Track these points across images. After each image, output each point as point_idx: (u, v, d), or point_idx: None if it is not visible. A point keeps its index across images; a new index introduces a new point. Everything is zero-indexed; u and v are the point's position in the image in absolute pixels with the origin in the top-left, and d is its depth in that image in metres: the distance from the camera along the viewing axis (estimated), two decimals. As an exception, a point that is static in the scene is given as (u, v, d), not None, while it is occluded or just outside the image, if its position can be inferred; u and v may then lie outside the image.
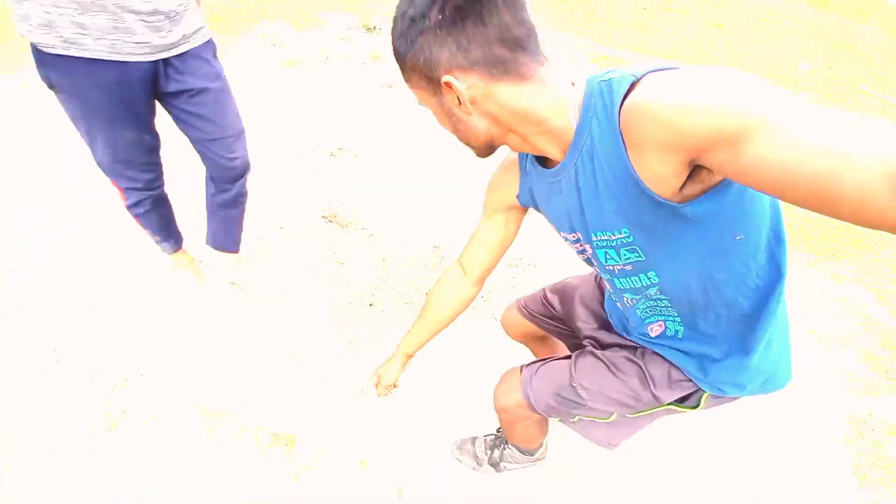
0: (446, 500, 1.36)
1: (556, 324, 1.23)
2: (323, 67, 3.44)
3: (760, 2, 6.43)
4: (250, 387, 1.57)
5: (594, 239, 0.77)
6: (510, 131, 0.71)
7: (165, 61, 1.20)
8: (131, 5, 1.06)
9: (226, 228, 1.69)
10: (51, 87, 1.15)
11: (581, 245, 0.82)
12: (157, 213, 1.55)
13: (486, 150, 0.77)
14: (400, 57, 0.68)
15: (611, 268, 0.81)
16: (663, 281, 0.78)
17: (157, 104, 1.32)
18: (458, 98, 0.67)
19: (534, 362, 1.10)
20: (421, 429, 1.53)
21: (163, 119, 1.36)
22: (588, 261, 0.87)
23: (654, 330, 0.91)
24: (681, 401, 0.94)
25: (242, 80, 3.16)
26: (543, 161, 0.80)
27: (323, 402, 1.56)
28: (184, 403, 1.50)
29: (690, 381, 0.89)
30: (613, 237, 0.74)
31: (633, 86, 0.61)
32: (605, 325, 1.10)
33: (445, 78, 0.65)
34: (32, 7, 1.01)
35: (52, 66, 1.10)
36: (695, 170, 0.61)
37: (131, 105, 1.21)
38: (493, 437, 1.46)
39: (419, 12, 0.63)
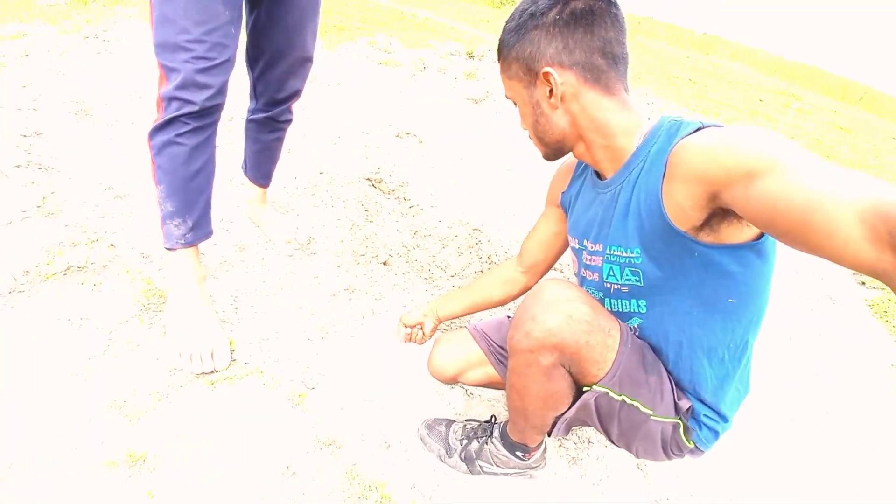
0: (396, 488, 0.97)
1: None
2: (418, 74, 3.51)
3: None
4: (220, 288, 1.34)
5: (607, 252, 0.81)
6: (580, 137, 0.78)
7: None
8: None
9: (258, 159, 1.50)
10: None
11: (593, 258, 0.85)
12: (194, 153, 1.03)
13: (555, 150, 0.83)
14: (507, 47, 0.77)
15: (608, 285, 0.84)
16: (648, 315, 0.81)
17: None
18: (550, 90, 0.74)
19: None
20: (397, 392, 1.18)
21: None
22: (582, 276, 0.90)
23: None
24: (685, 430, 0.85)
25: (338, 68, 3.29)
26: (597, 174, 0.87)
27: (301, 339, 1.28)
28: (135, 277, 1.29)
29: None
30: (624, 254, 0.78)
31: (696, 130, 0.68)
32: None
33: (546, 69, 0.73)
34: None
35: None
36: (715, 219, 0.66)
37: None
38: (478, 424, 1.08)
39: (540, 10, 0.72)
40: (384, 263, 1.69)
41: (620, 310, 0.84)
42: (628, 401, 0.80)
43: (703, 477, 1.15)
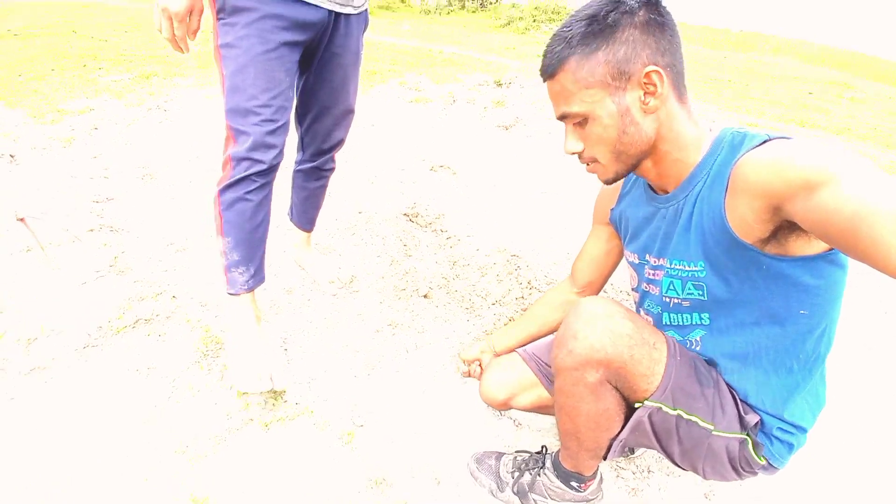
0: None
1: None
2: (448, 107, 3.61)
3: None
4: (272, 330, 1.41)
5: (668, 267, 0.80)
6: (654, 149, 0.75)
7: (337, 17, 1.11)
8: None
9: (304, 206, 1.57)
10: (222, 10, 0.99)
11: (655, 272, 0.84)
12: (258, 208, 1.11)
13: (631, 167, 0.78)
14: (587, 51, 0.69)
15: (667, 299, 0.82)
16: (712, 328, 0.79)
17: None
18: (645, 94, 0.70)
19: None
20: (443, 425, 1.17)
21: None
22: (643, 290, 0.89)
23: None
24: (754, 446, 0.80)
25: (371, 109, 3.45)
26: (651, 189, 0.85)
27: (348, 377, 1.32)
28: (195, 326, 1.38)
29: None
30: (687, 268, 0.77)
31: (763, 142, 0.67)
32: None
33: (651, 67, 0.68)
34: None
35: None
36: (782, 231, 0.65)
37: (295, 46, 1.06)
38: (529, 455, 1.05)
39: (630, 8, 0.68)
40: (425, 296, 1.71)
41: (681, 323, 0.83)
42: (685, 415, 0.76)
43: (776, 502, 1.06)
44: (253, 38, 0.98)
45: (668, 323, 0.85)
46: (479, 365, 1.18)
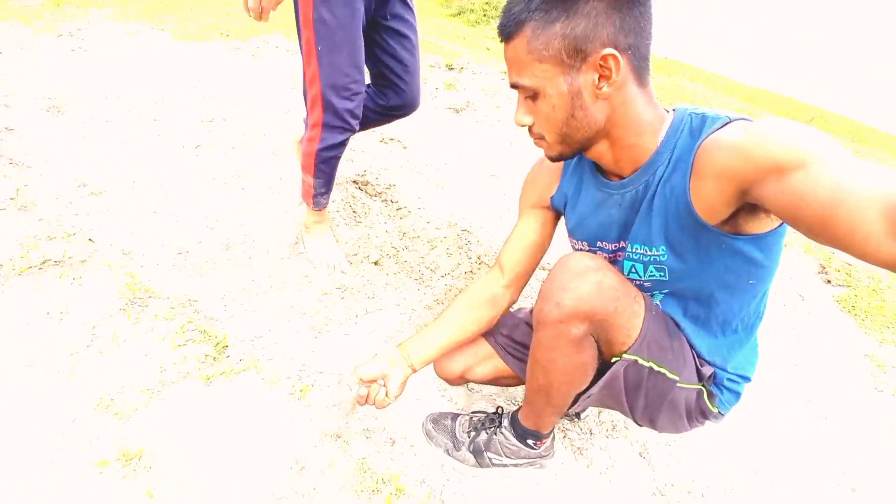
0: (408, 481, 0.94)
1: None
2: (398, 83, 3.53)
3: None
4: (207, 287, 1.29)
5: (629, 251, 0.80)
6: (607, 134, 0.72)
7: None
8: None
9: None
10: None
11: (610, 255, 0.84)
12: (337, 159, 1.42)
13: (576, 150, 0.75)
14: (544, 21, 0.64)
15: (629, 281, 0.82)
16: (666, 298, 0.83)
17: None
18: (599, 77, 0.65)
19: None
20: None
21: None
22: None
23: None
24: (709, 396, 0.86)
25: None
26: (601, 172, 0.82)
27: (283, 325, 1.24)
28: (117, 272, 1.23)
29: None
30: (648, 252, 0.77)
31: (724, 125, 0.65)
32: None
33: (608, 50, 0.63)
34: None
35: None
36: (742, 212, 0.66)
37: (365, 17, 1.23)
38: (485, 416, 1.06)
39: None
40: (375, 263, 1.66)
41: None
42: (656, 367, 0.79)
43: (704, 463, 1.17)
44: (345, 8, 1.14)
45: None
46: (385, 383, 0.88)
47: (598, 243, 0.85)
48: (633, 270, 0.81)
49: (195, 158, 1.93)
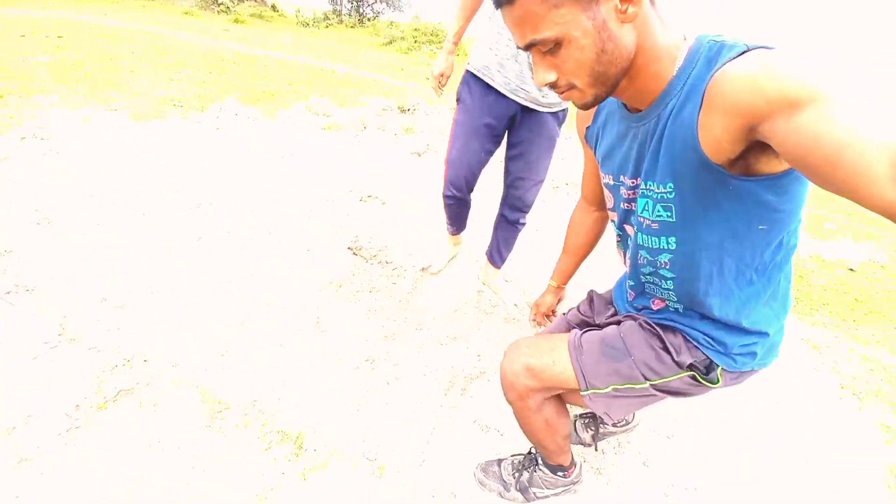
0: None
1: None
2: (360, 134, 3.72)
3: None
4: (260, 382, 1.45)
5: (643, 187, 0.79)
6: (632, 65, 0.68)
7: (524, 109, 1.57)
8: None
9: (497, 245, 2.02)
10: (458, 100, 1.64)
11: (631, 192, 0.83)
12: (459, 209, 1.92)
13: (613, 87, 0.70)
14: None
15: (642, 219, 0.82)
16: (678, 251, 0.80)
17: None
18: (620, 2, 0.62)
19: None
20: (444, 447, 1.37)
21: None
22: (623, 210, 0.88)
23: (657, 304, 0.93)
24: (703, 373, 0.89)
25: (288, 137, 3.42)
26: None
27: (334, 405, 1.43)
28: (186, 389, 1.37)
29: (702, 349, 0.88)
30: (657, 189, 0.75)
31: (741, 54, 0.61)
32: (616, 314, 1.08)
33: None
34: (485, 53, 1.51)
35: (467, 84, 1.59)
36: (752, 151, 0.64)
37: (493, 128, 1.61)
38: (522, 457, 1.31)
39: None
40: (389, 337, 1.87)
41: (650, 245, 0.83)
42: (619, 387, 0.91)
43: (703, 466, 1.47)
44: (467, 120, 1.61)
45: (641, 244, 0.85)
46: (553, 311, 1.30)
47: (621, 177, 0.84)
48: (646, 208, 0.80)
49: (200, 251, 2.05)
